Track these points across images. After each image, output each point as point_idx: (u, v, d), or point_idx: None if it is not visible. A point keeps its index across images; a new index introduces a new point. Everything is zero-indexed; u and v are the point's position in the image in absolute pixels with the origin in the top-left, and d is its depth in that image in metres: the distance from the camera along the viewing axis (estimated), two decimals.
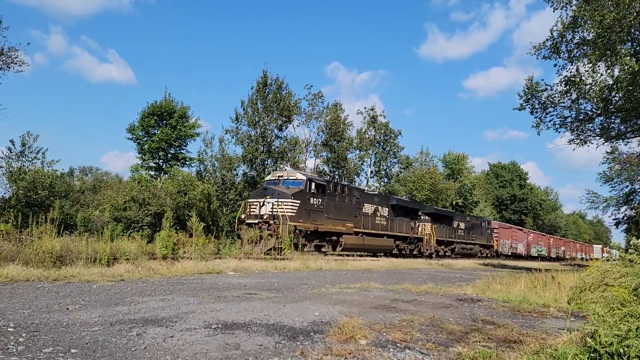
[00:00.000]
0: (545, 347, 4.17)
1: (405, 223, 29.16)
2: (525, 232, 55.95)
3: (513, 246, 49.30)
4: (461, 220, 38.18)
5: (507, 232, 48.77)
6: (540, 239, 61.10)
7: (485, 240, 42.10)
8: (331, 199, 21.70)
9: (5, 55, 25.03)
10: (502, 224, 50.43)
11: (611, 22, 15.56)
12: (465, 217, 40.24)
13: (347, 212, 22.76)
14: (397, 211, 28.62)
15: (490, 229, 43.93)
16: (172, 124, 37.03)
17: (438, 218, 33.89)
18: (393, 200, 29.07)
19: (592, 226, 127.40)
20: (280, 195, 19.21)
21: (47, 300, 5.69)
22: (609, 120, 20.75)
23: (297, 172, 20.97)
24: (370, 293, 8.29)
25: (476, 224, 41.16)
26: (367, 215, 25.01)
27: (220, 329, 4.52)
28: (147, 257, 11.17)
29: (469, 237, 38.66)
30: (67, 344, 3.68)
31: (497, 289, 9.56)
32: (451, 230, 35.39)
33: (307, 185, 20.20)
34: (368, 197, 26.02)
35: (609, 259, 9.22)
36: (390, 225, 27.26)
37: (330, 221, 21.41)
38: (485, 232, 42.53)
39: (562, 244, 71.25)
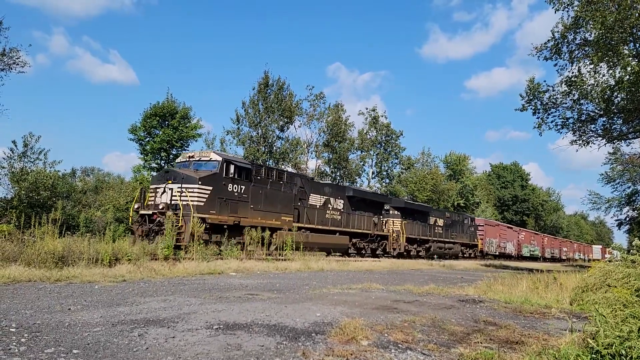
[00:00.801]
0: (547, 348, 4.16)
1: (367, 218, 25.62)
2: (516, 231, 52.88)
3: (501, 245, 46.49)
4: (439, 217, 34.59)
5: (494, 229, 45.52)
6: (533, 238, 57.98)
7: (468, 238, 38.80)
8: (260, 186, 18.07)
9: (7, 56, 25.10)
10: (488, 220, 47.16)
11: (613, 22, 15.54)
12: (444, 213, 36.59)
13: (284, 204, 19.12)
14: (356, 204, 24.93)
15: (474, 227, 40.58)
16: (174, 124, 37.06)
17: (410, 213, 30.38)
18: (350, 191, 25.13)
19: (594, 227, 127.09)
20: (186, 180, 15.42)
21: (49, 301, 5.70)
22: (611, 121, 20.72)
23: (213, 152, 17.19)
24: (371, 294, 8.28)
25: (457, 220, 37.75)
26: (313, 207, 21.38)
27: (222, 329, 4.52)
28: (148, 258, 11.18)
29: (449, 235, 35.22)
30: (69, 345, 3.69)
31: (499, 289, 9.54)
32: (426, 227, 31.95)
33: (223, 167, 16.40)
34: (316, 187, 22.28)
35: (611, 260, 9.21)
36: (345, 220, 23.71)
37: (259, 214, 17.72)
38: (467, 230, 39.15)
39: (558, 244, 68.34)
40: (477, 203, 63.80)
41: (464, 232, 38.34)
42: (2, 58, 25.01)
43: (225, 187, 16.44)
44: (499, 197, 76.75)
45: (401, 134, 50.46)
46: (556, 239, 70.23)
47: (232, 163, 16.90)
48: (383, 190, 48.36)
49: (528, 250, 54.01)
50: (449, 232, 35.42)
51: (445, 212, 36.60)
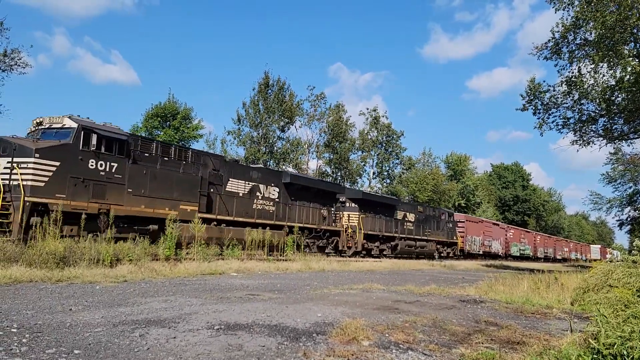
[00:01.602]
0: (549, 348, 4.16)
1: (313, 210, 21.60)
2: (503, 228, 48.43)
3: (486, 244, 42.13)
4: (409, 211, 30.73)
5: (476, 226, 41.23)
6: (524, 236, 53.86)
7: (445, 236, 34.62)
8: (145, 165, 14.01)
9: (9, 57, 25.14)
10: (470, 216, 43.03)
11: (614, 22, 15.53)
12: (416, 207, 32.51)
13: (184, 189, 15.11)
14: (298, 193, 20.88)
15: (452, 223, 36.44)
16: (175, 125, 37.13)
17: (371, 206, 26.52)
18: (287, 176, 20.63)
19: (596, 227, 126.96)
20: (18, 152, 11.60)
21: (51, 301, 5.71)
22: (612, 121, 20.69)
23: (68, 116, 12.80)
24: (372, 294, 8.28)
25: (432, 215, 33.67)
26: (233, 195, 17.41)
27: (223, 329, 4.52)
28: (150, 258, 11.19)
29: (422, 231, 31.17)
30: (70, 345, 3.69)
31: (500, 290, 9.54)
32: (392, 223, 28.04)
33: (80, 137, 12.47)
34: (238, 171, 18.30)
35: (612, 260, 9.21)
36: (282, 212, 19.61)
37: (142, 200, 13.69)
38: (445, 226, 35.00)
39: (552, 243, 64.11)
40: (478, 203, 63.77)
41: (441, 229, 34.27)
42: (3, 59, 25.07)
43: (84, 164, 12.50)
44: (500, 198, 76.70)
45: (402, 134, 50.50)
46: (550, 237, 66.00)
47: (94, 132, 12.75)
48: (384, 190, 48.34)
49: (517, 249, 50.27)
50: (422, 228, 31.38)
51: (417, 206, 32.63)
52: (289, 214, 20.07)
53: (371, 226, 26.04)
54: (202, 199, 15.95)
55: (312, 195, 21.82)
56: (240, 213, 17.46)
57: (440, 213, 35.23)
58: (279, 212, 19.50)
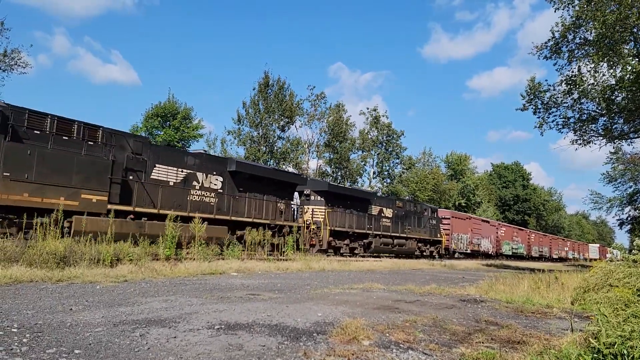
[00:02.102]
0: (549, 348, 4.16)
1: (267, 204, 18.84)
2: (494, 225, 45.65)
3: (474, 242, 39.38)
4: (386, 206, 27.98)
5: (463, 223, 38.39)
6: (516, 234, 51.19)
7: (427, 233, 31.88)
8: (30, 145, 11.74)
9: (9, 57, 25.17)
10: (455, 212, 40.24)
11: (614, 22, 15.54)
12: (394, 201, 29.55)
13: (88, 174, 12.66)
14: (247, 184, 18.15)
15: (436, 219, 33.78)
16: (175, 124, 37.17)
17: (340, 200, 23.77)
18: (233, 164, 17.77)
19: (596, 227, 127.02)
20: None
21: (51, 301, 5.71)
22: (612, 120, 20.70)
23: None
24: (373, 294, 8.28)
25: (413, 211, 30.87)
26: (160, 184, 14.78)
27: (223, 329, 4.53)
28: (150, 258, 11.19)
29: (401, 228, 28.61)
30: (71, 345, 3.70)
31: (500, 289, 9.54)
32: (365, 219, 25.36)
33: None
34: (167, 156, 15.64)
35: (612, 259, 9.21)
36: (226, 205, 17.08)
37: (26, 187, 11.40)
38: (427, 223, 32.16)
39: (548, 241, 61.50)
40: (479, 203, 63.79)
41: (423, 226, 31.48)
42: (3, 59, 25.10)
43: None
44: (500, 197, 76.73)
45: (402, 134, 50.53)
46: (545, 235, 63.23)
47: None
48: (384, 190, 48.34)
49: (510, 248, 47.77)
50: (401, 225, 28.77)
51: (395, 201, 29.63)
52: (236, 207, 17.54)
53: (340, 222, 23.52)
54: (114, 188, 13.50)
55: (266, 187, 19.05)
56: (169, 205, 14.82)
57: (422, 209, 32.29)
58: (222, 205, 17.00)
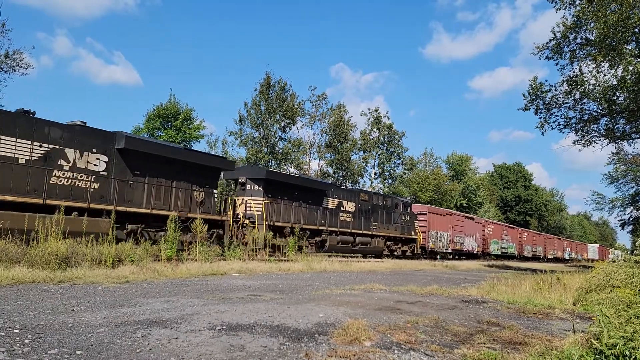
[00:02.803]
0: (551, 349, 4.15)
1: (175, 191, 15.30)
2: (479, 222, 41.56)
3: (456, 240, 35.34)
4: (347, 198, 23.98)
5: (443, 220, 34.24)
6: (507, 232, 47.30)
7: (399, 230, 27.91)
8: None
9: (11, 58, 25.24)
10: (433, 207, 35.95)
11: (615, 22, 15.52)
12: (358, 194, 25.34)
13: None
14: (148, 166, 14.57)
15: (410, 215, 29.46)
16: (177, 125, 37.21)
17: (284, 190, 19.93)
18: (122, 140, 13.75)
19: (598, 227, 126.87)
20: None
21: (53, 302, 5.72)
22: (614, 120, 20.67)
23: None
24: (374, 294, 8.28)
25: (381, 205, 26.78)
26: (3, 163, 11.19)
27: (225, 330, 4.53)
28: (151, 259, 11.20)
29: (365, 224, 24.70)
30: (73, 346, 3.70)
31: (502, 290, 9.53)
32: (318, 212, 21.45)
33: None
34: (19, 126, 11.71)
35: (614, 260, 9.19)
36: (113, 191, 13.48)
37: None
38: (399, 219, 28.05)
39: (542, 241, 58.02)
40: (480, 204, 63.74)
41: (394, 222, 27.50)
42: (5, 60, 25.17)
43: None
44: (501, 198, 76.68)
45: (404, 135, 50.52)
46: (539, 234, 59.59)
47: None
48: (386, 191, 48.30)
49: (498, 247, 44.29)
50: (365, 220, 24.85)
51: (359, 193, 25.43)
52: (130, 194, 14.00)
53: (283, 216, 19.70)
54: None
55: (177, 171, 15.45)
56: (19, 190, 11.36)
57: (393, 203, 28.04)
58: (107, 191, 13.37)
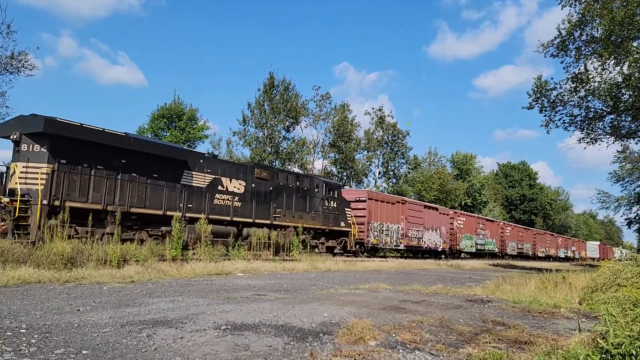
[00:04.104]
0: (557, 348, 4.13)
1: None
2: (445, 214, 34.09)
3: (411, 235, 28.60)
4: (230, 174, 16.98)
5: (392, 209, 27.18)
6: (483, 225, 39.72)
7: (320, 220, 20.93)
8: None
9: (16, 59, 25.36)
10: (377, 193, 28.71)
11: (621, 19, 15.44)
12: (251, 170, 18.01)
13: None
14: None
15: (339, 201, 22.27)
16: (181, 126, 37.30)
17: (93, 152, 12.78)
18: None
19: (604, 226, 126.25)
20: None
21: (59, 302, 5.75)
22: (620, 118, 20.57)
23: None
24: (379, 294, 8.27)
25: (292, 187, 19.80)
26: None
27: (230, 330, 4.54)
28: (156, 259, 11.24)
29: (263, 211, 18.03)
30: (79, 345, 3.72)
31: (507, 289, 9.50)
32: (170, 191, 14.68)
33: None
34: None
35: (620, 259, 9.15)
36: None
37: None
38: (320, 206, 20.99)
39: (531, 237, 50.77)
40: (485, 202, 63.55)
41: (312, 209, 20.61)
42: (10, 61, 25.30)
43: None
44: (506, 197, 76.44)
45: (408, 134, 50.41)
46: (527, 229, 52.19)
47: None
48: (389, 190, 48.20)
49: (472, 244, 37.08)
50: (264, 205, 18.08)
51: (253, 169, 18.02)
52: None
53: (93, 193, 12.73)
54: None
55: None
56: None
57: (312, 185, 20.96)
58: None
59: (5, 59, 25.21)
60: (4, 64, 25.30)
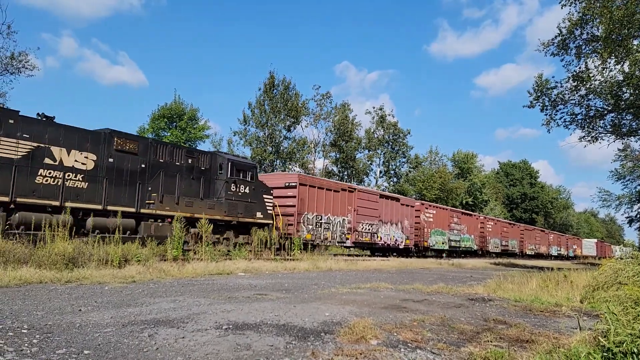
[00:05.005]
0: (558, 347, 4.13)
1: None
2: (410, 206, 29.08)
3: (361, 229, 23.93)
4: (68, 144, 12.08)
5: (333, 198, 22.27)
6: (458, 220, 34.85)
7: (223, 208, 15.96)
8: None
9: (16, 60, 25.39)
10: (312, 178, 22.80)
11: (621, 17, 15.43)
12: (108, 138, 12.98)
13: None
14: None
15: (254, 186, 17.22)
16: (181, 126, 37.31)
17: None
18: None
19: (605, 224, 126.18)
20: None
21: (60, 302, 5.75)
22: (620, 116, 20.56)
23: None
24: (380, 293, 8.28)
25: (181, 165, 15.03)
26: None
27: (231, 329, 4.54)
28: (158, 259, 11.25)
29: (129, 196, 13.33)
30: (80, 345, 3.72)
31: (509, 288, 9.50)
32: None
33: None
34: None
35: (622, 257, 9.13)
36: None
37: None
38: (223, 191, 16.09)
39: (518, 233, 46.04)
40: (486, 201, 63.53)
41: (211, 195, 15.98)
42: (11, 62, 25.33)
43: None
44: (507, 195, 76.41)
45: (408, 133, 50.40)
46: (513, 224, 47.14)
47: None
48: (391, 190, 48.21)
49: (444, 240, 32.31)
50: (134, 188, 13.55)
51: (112, 140, 13.03)
52: None
53: None
54: None
55: None
56: None
57: (215, 164, 16.24)
58: None
59: (5, 59, 25.26)
60: (4, 64, 25.35)
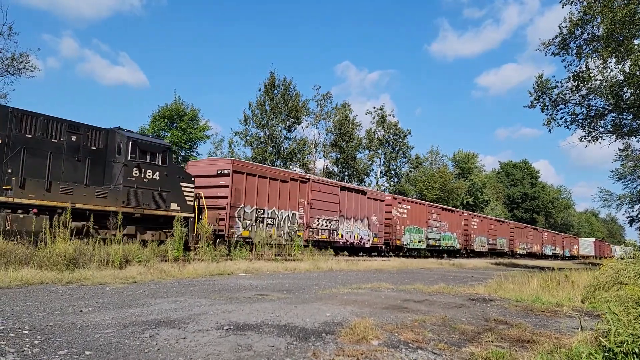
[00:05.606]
0: (559, 347, 4.13)
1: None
2: (379, 200, 26.05)
3: (317, 226, 20.92)
4: None
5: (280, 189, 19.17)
6: (438, 217, 31.80)
7: (118, 198, 12.36)
8: None
9: (17, 60, 25.42)
10: (251, 164, 19.22)
11: (622, 17, 15.42)
12: None
13: None
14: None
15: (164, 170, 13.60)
16: (182, 126, 37.34)
17: None
18: None
19: (606, 224, 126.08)
20: None
21: (61, 303, 5.76)
22: (621, 116, 20.55)
23: None
24: (381, 293, 8.27)
25: (62, 143, 11.59)
26: None
27: (232, 330, 4.54)
28: (158, 259, 11.25)
29: None
30: (81, 346, 3.73)
31: (510, 288, 9.49)
32: None
33: None
34: None
35: (623, 257, 9.12)
36: None
37: None
38: (119, 176, 12.55)
39: (507, 231, 43.22)
40: (487, 201, 63.48)
41: (104, 181, 12.61)
42: (12, 63, 25.35)
43: None
44: (508, 195, 76.35)
45: (409, 133, 50.39)
46: (502, 222, 44.02)
47: None
48: (391, 189, 48.17)
49: (421, 238, 29.55)
50: None
51: None
52: None
53: None
54: None
55: None
56: None
57: (112, 143, 12.88)
58: None
59: (6, 60, 25.28)
60: (5, 65, 25.37)
